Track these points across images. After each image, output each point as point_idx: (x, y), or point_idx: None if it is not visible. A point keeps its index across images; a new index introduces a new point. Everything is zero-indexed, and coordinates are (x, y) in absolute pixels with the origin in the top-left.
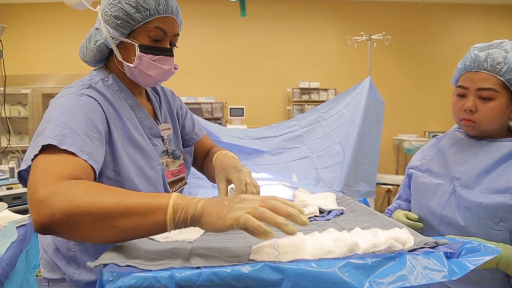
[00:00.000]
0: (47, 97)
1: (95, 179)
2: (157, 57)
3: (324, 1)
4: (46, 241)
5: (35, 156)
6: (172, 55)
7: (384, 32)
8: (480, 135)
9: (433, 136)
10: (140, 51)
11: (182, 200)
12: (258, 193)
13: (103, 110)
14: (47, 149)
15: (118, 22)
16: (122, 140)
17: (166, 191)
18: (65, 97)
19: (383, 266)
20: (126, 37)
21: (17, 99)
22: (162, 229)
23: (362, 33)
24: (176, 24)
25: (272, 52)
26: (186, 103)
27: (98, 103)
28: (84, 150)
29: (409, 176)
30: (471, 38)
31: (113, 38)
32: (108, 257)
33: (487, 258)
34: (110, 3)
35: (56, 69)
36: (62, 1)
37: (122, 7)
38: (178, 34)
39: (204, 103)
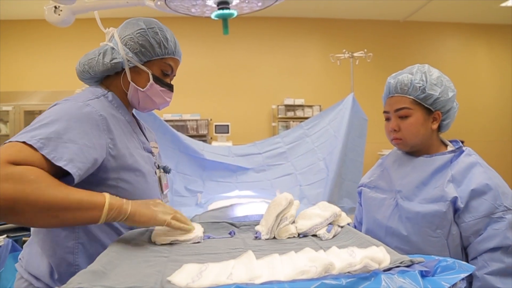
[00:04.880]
0: (30, 114)
1: (74, 183)
2: (163, 88)
3: (307, 20)
4: (39, 268)
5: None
6: (173, 91)
7: (365, 50)
8: (414, 150)
9: None
10: (153, 79)
11: (115, 201)
12: None
13: (107, 121)
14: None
15: (142, 49)
16: (129, 148)
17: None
18: (69, 102)
19: (358, 286)
20: (142, 64)
21: None
22: (95, 222)
23: (344, 50)
24: (178, 66)
25: (257, 69)
26: (171, 120)
27: (101, 114)
28: (64, 156)
29: (359, 194)
30: (450, 55)
31: (128, 60)
32: (76, 281)
33: (462, 275)
34: (139, 33)
35: (39, 86)
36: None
37: (149, 39)
38: (175, 75)
39: (189, 120)
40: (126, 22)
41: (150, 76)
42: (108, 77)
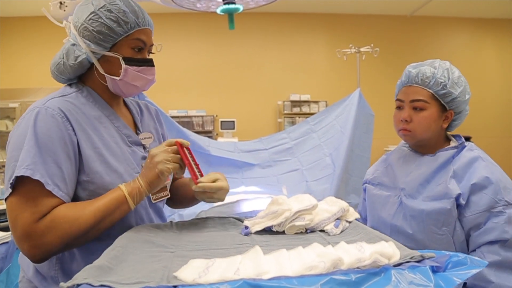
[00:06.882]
0: None
1: (70, 197)
2: (141, 68)
3: (313, 15)
4: (26, 261)
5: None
6: (154, 65)
7: (372, 45)
8: (419, 145)
9: None
10: (125, 64)
11: (131, 189)
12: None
13: (70, 122)
14: (21, 178)
15: (101, 36)
16: (98, 147)
17: (148, 197)
18: (30, 115)
19: (368, 282)
20: (108, 51)
21: (5, 113)
22: (128, 212)
23: (351, 45)
24: (151, 34)
25: (262, 65)
26: (177, 117)
27: (64, 114)
28: (51, 179)
29: (364, 190)
30: (458, 50)
31: (93, 52)
32: (81, 277)
33: (474, 271)
34: (90, 19)
35: (45, 83)
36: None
37: (104, 22)
38: (153, 44)
39: (195, 116)
40: (76, 8)
41: (122, 62)
42: (83, 73)
